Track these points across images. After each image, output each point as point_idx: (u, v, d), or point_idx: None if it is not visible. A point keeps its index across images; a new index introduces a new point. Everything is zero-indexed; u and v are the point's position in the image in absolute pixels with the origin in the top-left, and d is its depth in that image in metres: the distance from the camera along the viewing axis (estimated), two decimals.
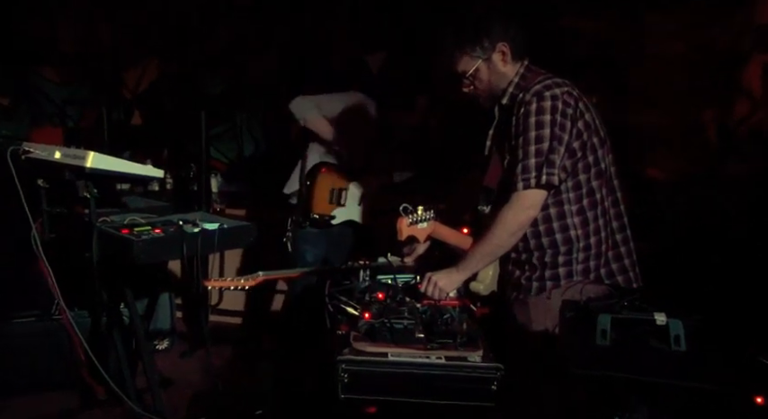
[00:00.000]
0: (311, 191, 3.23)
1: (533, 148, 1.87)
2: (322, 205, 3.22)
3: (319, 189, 3.22)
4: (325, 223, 3.22)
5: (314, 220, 3.20)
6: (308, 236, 3.24)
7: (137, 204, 2.83)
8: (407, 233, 2.01)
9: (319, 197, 3.22)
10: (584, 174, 1.95)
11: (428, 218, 2.02)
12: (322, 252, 3.26)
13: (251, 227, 2.58)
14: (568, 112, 1.88)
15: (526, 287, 2.04)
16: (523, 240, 2.01)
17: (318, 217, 3.20)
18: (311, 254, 3.24)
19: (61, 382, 2.81)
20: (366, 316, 1.80)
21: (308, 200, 3.22)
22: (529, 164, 1.88)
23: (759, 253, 2.64)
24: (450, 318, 1.83)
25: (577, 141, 1.91)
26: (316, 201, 3.21)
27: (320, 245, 3.26)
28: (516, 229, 1.92)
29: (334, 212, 3.25)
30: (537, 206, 1.93)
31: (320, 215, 3.20)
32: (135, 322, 2.57)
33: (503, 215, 1.91)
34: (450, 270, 1.96)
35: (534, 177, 1.87)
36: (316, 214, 3.19)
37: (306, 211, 3.20)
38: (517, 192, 1.90)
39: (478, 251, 1.95)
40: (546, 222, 1.99)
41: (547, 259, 2.00)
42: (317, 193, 3.22)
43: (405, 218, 1.98)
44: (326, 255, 3.27)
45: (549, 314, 1.95)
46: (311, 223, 3.21)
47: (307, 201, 3.21)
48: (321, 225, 3.23)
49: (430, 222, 2.03)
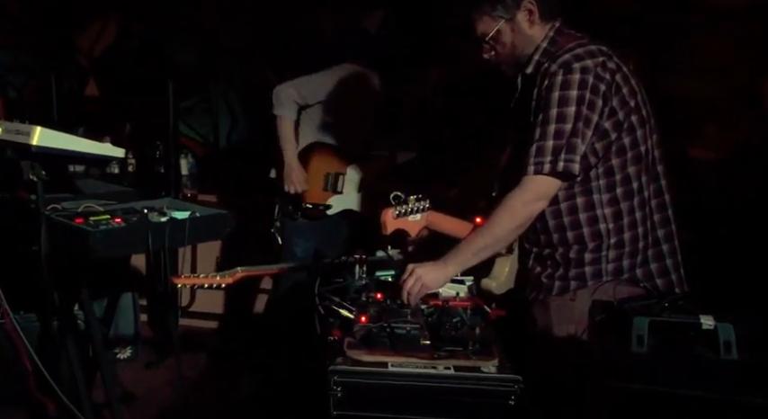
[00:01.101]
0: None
1: (552, 128, 1.85)
2: (316, 193, 3.21)
3: (313, 174, 3.21)
4: (319, 213, 3.20)
5: (307, 211, 3.19)
6: (299, 227, 3.23)
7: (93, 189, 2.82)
8: (394, 226, 1.99)
9: (313, 184, 3.21)
10: (617, 159, 1.94)
11: (421, 210, 2.01)
12: (314, 245, 3.26)
13: (228, 215, 2.57)
14: (600, 89, 1.86)
15: (547, 286, 2.04)
16: (545, 232, 2.01)
17: (312, 206, 3.19)
18: (302, 248, 3.24)
19: (4, 397, 2.82)
20: (362, 319, 1.80)
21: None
22: (545, 145, 1.86)
23: None
24: (461, 322, 1.83)
25: (610, 121, 1.90)
26: (309, 189, 3.20)
27: (313, 237, 3.26)
28: (522, 221, 1.91)
29: (331, 201, 3.24)
30: (547, 197, 1.91)
31: (314, 205, 3.19)
32: (92, 326, 2.57)
33: (507, 203, 1.89)
34: (439, 263, 1.92)
35: (549, 162, 1.85)
36: (309, 204, 3.18)
37: (297, 201, 3.19)
38: (526, 177, 1.88)
39: (475, 243, 1.91)
40: (571, 213, 1.98)
41: (572, 255, 2.00)
42: (310, 180, 3.21)
43: (391, 210, 1.97)
44: (319, 249, 3.27)
45: (574, 317, 1.96)
46: (303, 214, 3.20)
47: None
48: (315, 216, 3.22)
49: (424, 214, 2.02)
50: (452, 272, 1.94)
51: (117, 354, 3.49)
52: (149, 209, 2.44)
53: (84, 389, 2.58)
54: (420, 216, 2.02)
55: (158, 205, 2.54)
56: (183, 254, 3.96)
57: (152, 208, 2.47)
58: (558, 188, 1.92)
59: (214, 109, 4.60)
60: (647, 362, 1.52)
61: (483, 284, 2.11)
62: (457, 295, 2.01)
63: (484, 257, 1.96)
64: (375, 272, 2.15)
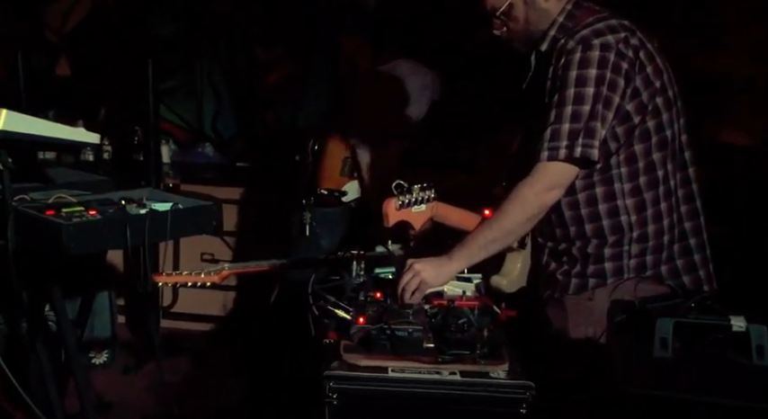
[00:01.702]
0: (320, 159, 3.21)
1: (569, 110, 1.85)
2: (331, 178, 3.22)
3: (329, 158, 3.21)
4: (334, 200, 3.20)
5: (320, 197, 3.18)
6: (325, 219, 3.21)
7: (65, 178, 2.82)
8: (396, 218, 1.99)
9: (328, 168, 3.21)
10: (641, 144, 1.94)
11: (425, 200, 2.01)
12: (337, 239, 3.25)
13: (213, 207, 2.57)
14: (623, 67, 1.85)
15: (563, 283, 2.05)
16: (561, 225, 2.01)
17: (327, 192, 3.17)
18: (326, 241, 3.23)
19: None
20: (360, 320, 1.80)
21: (315, 172, 3.19)
22: (560, 129, 1.86)
23: None
24: (468, 323, 1.83)
25: (633, 102, 1.89)
26: (324, 174, 3.20)
27: (339, 229, 3.24)
28: (534, 212, 1.91)
29: (346, 187, 3.25)
30: (562, 186, 1.91)
31: (329, 190, 3.18)
32: (64, 329, 2.57)
33: (518, 192, 1.89)
34: (442, 258, 1.92)
35: (565, 147, 1.85)
36: (323, 189, 3.18)
37: (312, 185, 3.18)
38: (540, 164, 1.88)
39: (482, 236, 1.91)
40: (590, 205, 1.98)
41: (590, 250, 2.00)
42: (325, 164, 3.21)
43: (393, 200, 1.96)
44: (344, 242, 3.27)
45: (592, 317, 1.96)
46: (317, 200, 3.19)
47: (313, 174, 3.19)
48: (329, 203, 3.22)
49: (429, 205, 2.02)
50: (456, 269, 1.94)
51: (92, 359, 3.50)
52: (127, 200, 2.44)
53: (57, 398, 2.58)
54: (425, 206, 2.02)
55: (137, 196, 2.53)
56: (164, 249, 3.97)
57: (130, 199, 2.47)
58: (574, 176, 1.91)
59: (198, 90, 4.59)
60: (672, 368, 1.52)
61: (492, 282, 2.12)
62: (463, 294, 2.01)
63: (492, 252, 1.95)
64: (374, 269, 2.15)
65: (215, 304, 4.22)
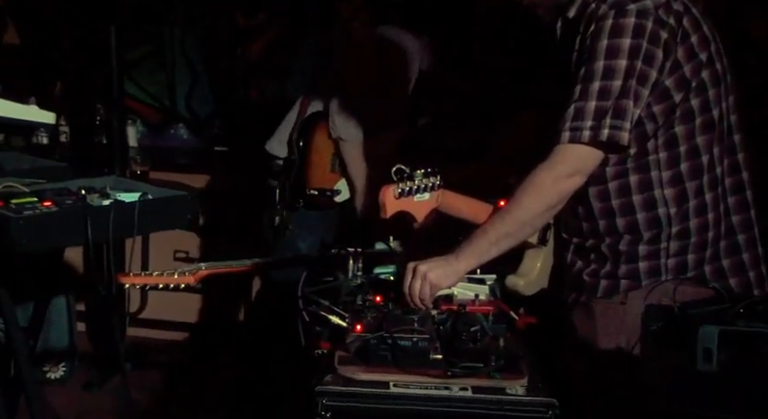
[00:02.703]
0: (305, 155, 3.22)
1: (597, 86, 1.85)
2: (320, 175, 3.25)
3: (317, 152, 3.24)
4: (326, 202, 3.24)
5: (311, 199, 3.22)
6: (303, 217, 3.28)
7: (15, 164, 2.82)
8: (395, 208, 1.96)
9: (317, 164, 3.24)
10: (683, 126, 1.93)
11: (430, 188, 2.00)
12: (317, 238, 3.28)
13: (188, 198, 2.58)
14: (661, 36, 1.85)
15: (590, 285, 2.05)
16: (589, 219, 2.01)
17: (318, 193, 3.20)
18: (305, 242, 3.27)
19: None
20: (358, 327, 1.80)
21: (302, 169, 3.22)
22: (585, 107, 1.85)
23: None
24: (481, 331, 1.84)
25: (673, 77, 1.89)
26: (312, 171, 3.23)
27: (317, 229, 3.30)
28: (552, 202, 1.91)
29: (339, 185, 3.29)
30: (583, 172, 1.91)
31: (320, 190, 3.20)
32: (14, 339, 2.58)
33: (533, 178, 1.89)
34: (448, 257, 1.92)
35: (590, 128, 1.84)
36: (313, 189, 3.20)
37: (298, 186, 3.21)
38: (559, 147, 1.87)
39: (493, 230, 1.91)
40: (622, 195, 1.98)
41: (622, 247, 2.01)
42: (313, 159, 3.23)
43: (392, 187, 1.94)
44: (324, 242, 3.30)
45: (624, 325, 1.97)
46: (306, 202, 3.22)
47: (299, 172, 3.22)
48: (321, 205, 3.24)
49: (434, 193, 2.01)
50: (465, 268, 1.94)
51: (47, 373, 3.52)
52: (88, 189, 2.45)
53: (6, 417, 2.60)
54: (429, 195, 1.99)
55: (99, 185, 2.54)
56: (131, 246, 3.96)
57: (91, 188, 2.47)
58: (598, 161, 1.91)
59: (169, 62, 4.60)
60: (717, 383, 1.52)
61: (509, 283, 2.12)
62: (476, 298, 2.01)
63: (504, 248, 1.95)
64: (374, 269, 2.15)
65: (190, 309, 4.24)
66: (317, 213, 3.30)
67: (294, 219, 3.28)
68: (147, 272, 2.22)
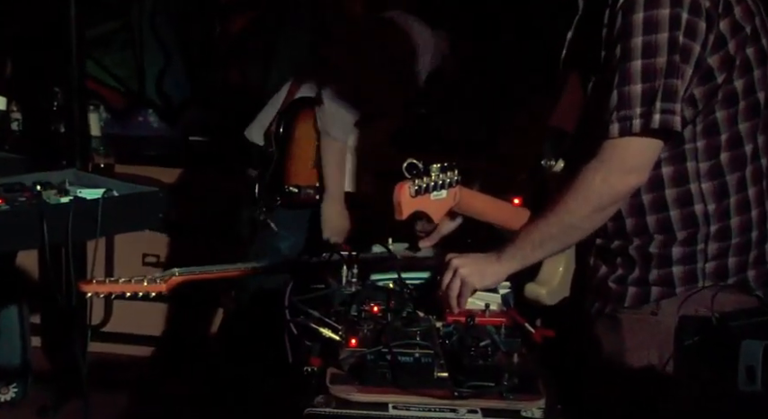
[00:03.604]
0: (285, 148, 3.24)
1: (638, 65, 1.85)
2: (302, 171, 3.26)
3: (298, 145, 3.25)
4: (307, 199, 3.25)
5: (289, 196, 3.22)
6: (284, 215, 3.29)
7: None
8: (411, 207, 1.97)
9: (298, 158, 3.25)
10: (724, 110, 1.94)
11: (448, 184, 2.01)
12: (301, 239, 3.32)
13: (158, 194, 2.59)
14: (702, 5, 1.85)
15: (617, 293, 2.05)
16: (614, 217, 2.02)
17: (297, 191, 3.21)
18: (286, 243, 3.29)
19: None
20: (352, 341, 1.81)
21: (281, 163, 3.24)
22: (630, 92, 1.86)
23: None
24: (492, 346, 1.84)
25: (716, 55, 1.89)
26: (292, 165, 3.24)
27: (299, 229, 3.32)
28: (603, 203, 1.92)
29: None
30: (642, 168, 1.92)
31: (300, 188, 3.21)
32: None
33: (582, 178, 1.91)
34: (489, 256, 1.98)
35: (640, 116, 1.85)
36: (292, 186, 3.21)
37: (276, 182, 3.23)
38: (609, 142, 1.89)
39: (538, 232, 1.95)
40: (654, 189, 1.98)
41: (653, 250, 2.01)
42: (294, 152, 3.25)
43: (407, 185, 1.96)
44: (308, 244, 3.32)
45: (656, 338, 1.97)
46: (284, 200, 3.24)
47: (278, 166, 3.23)
48: (302, 202, 3.26)
49: (451, 190, 2.02)
50: (505, 271, 1.98)
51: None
52: (44, 185, 2.45)
53: None
54: (446, 193, 2.00)
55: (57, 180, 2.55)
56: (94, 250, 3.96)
57: (48, 183, 2.48)
58: (657, 153, 1.92)
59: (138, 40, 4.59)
60: (761, 405, 1.52)
61: (528, 292, 2.12)
62: (486, 308, 2.02)
63: (549, 252, 2.00)
64: (370, 275, 2.15)
65: (160, 322, 4.24)
66: (298, 211, 3.31)
67: (273, 218, 3.29)
68: (112, 279, 2.20)
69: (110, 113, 4.56)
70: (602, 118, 1.89)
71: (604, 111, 1.88)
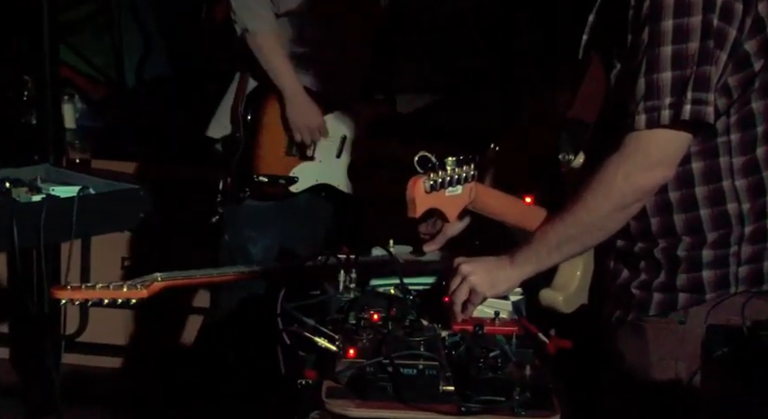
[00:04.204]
0: (254, 134, 3.25)
1: (668, 51, 1.85)
2: (273, 159, 3.28)
3: (269, 130, 3.26)
4: (278, 191, 3.26)
5: (259, 187, 3.24)
6: (251, 215, 3.28)
7: None
8: (426, 204, 1.98)
9: (269, 145, 3.27)
10: (761, 101, 1.94)
11: (463, 179, 2.02)
12: (275, 241, 3.33)
13: (140, 192, 2.59)
14: None
15: (640, 300, 2.05)
16: (638, 217, 2.02)
17: (267, 180, 3.22)
18: (258, 246, 3.30)
19: None
20: (350, 352, 1.81)
21: (249, 150, 3.24)
22: (659, 80, 1.86)
23: None
24: (502, 357, 1.84)
25: (754, 40, 1.89)
26: (262, 153, 3.25)
27: (272, 229, 3.33)
28: (626, 201, 1.92)
29: (296, 171, 3.30)
30: (669, 163, 1.91)
31: (271, 177, 3.22)
32: None
33: (603, 174, 1.91)
34: (501, 260, 1.99)
35: (669, 106, 1.85)
36: (262, 175, 3.22)
37: (245, 171, 3.24)
38: (634, 135, 1.89)
39: (554, 233, 1.96)
40: (682, 186, 1.99)
41: (680, 252, 2.01)
42: (264, 138, 3.26)
43: (421, 179, 1.96)
44: (284, 246, 3.31)
45: (684, 350, 1.97)
46: (254, 192, 3.25)
47: (246, 153, 3.24)
48: (272, 194, 3.27)
49: (467, 186, 2.03)
50: (519, 276, 1.99)
51: None
52: (14, 181, 2.45)
53: None
54: (461, 189, 2.01)
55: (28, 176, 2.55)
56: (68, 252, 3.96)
57: (18, 180, 2.48)
58: (685, 147, 1.91)
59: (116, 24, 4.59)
60: None
61: (544, 299, 2.12)
62: (496, 316, 2.02)
63: (567, 255, 2.00)
64: (370, 281, 2.16)
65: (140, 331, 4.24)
66: (269, 209, 3.31)
67: (240, 217, 3.29)
68: (88, 285, 2.21)
69: (86, 104, 4.55)
70: (627, 108, 1.89)
71: (630, 100, 1.88)
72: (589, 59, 2.12)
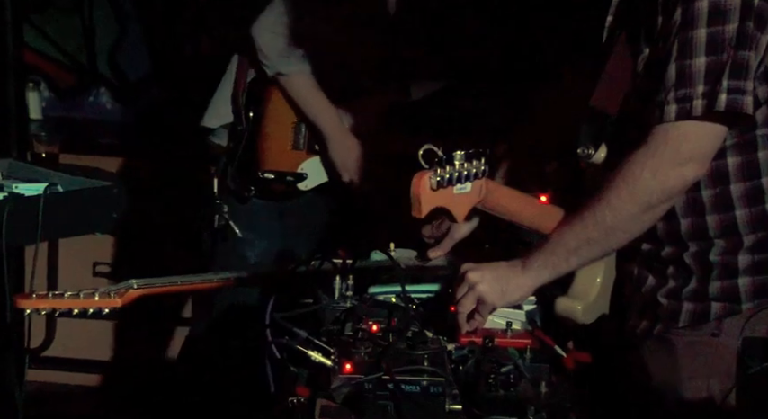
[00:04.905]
0: (258, 126, 3.27)
1: (703, 34, 1.85)
2: (279, 154, 3.30)
3: (273, 122, 3.29)
4: (287, 189, 3.27)
5: (266, 184, 3.25)
6: (250, 215, 3.30)
7: None
8: (432, 203, 1.98)
9: (275, 138, 3.28)
10: None
11: (474, 175, 2.02)
12: (273, 244, 3.35)
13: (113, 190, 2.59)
14: None
15: (669, 310, 2.05)
16: (667, 217, 2.02)
17: (274, 177, 3.23)
18: (255, 249, 3.32)
19: None
20: (347, 367, 1.81)
21: (253, 144, 3.26)
22: (693, 66, 1.86)
23: None
24: (515, 373, 1.84)
25: None
26: (268, 147, 3.27)
27: (271, 230, 3.35)
28: (655, 200, 1.93)
29: (305, 167, 3.32)
30: (704, 156, 1.92)
31: (278, 174, 3.23)
32: None
33: (630, 169, 1.91)
34: (512, 266, 2.00)
35: (702, 95, 1.85)
36: (268, 171, 3.22)
37: (249, 167, 3.25)
38: (663, 127, 1.89)
39: (572, 236, 1.97)
40: (716, 184, 1.99)
41: (714, 257, 2.01)
42: (269, 131, 3.28)
43: (427, 175, 1.96)
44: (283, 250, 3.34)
45: (718, 366, 1.97)
46: (259, 190, 3.25)
47: (251, 148, 3.26)
48: (279, 192, 3.29)
49: (477, 183, 2.03)
50: (533, 283, 1.99)
51: None
52: None
53: None
54: (470, 186, 2.01)
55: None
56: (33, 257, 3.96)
57: None
58: (720, 140, 1.91)
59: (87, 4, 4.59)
60: None
61: (563, 309, 2.12)
62: (508, 327, 2.03)
63: (586, 260, 2.01)
64: (369, 288, 2.17)
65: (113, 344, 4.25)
66: (270, 209, 3.33)
67: (240, 217, 3.30)
68: (55, 293, 2.21)
69: (53, 92, 4.55)
70: (656, 98, 1.89)
71: (659, 89, 1.89)
72: (613, 42, 2.12)
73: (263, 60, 3.23)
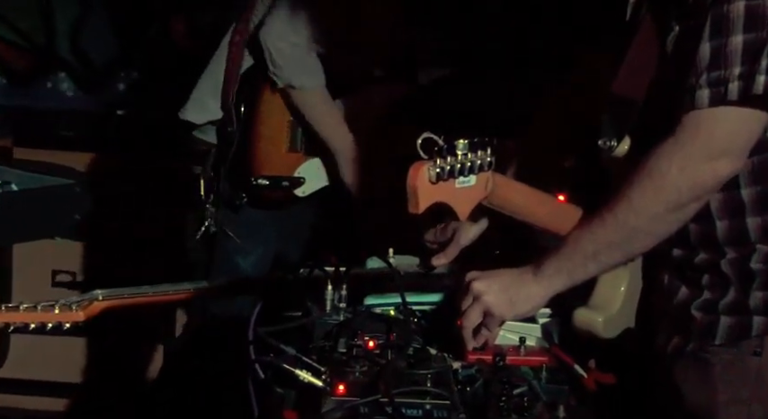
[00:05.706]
0: (252, 124, 3.29)
1: (741, 8, 1.85)
2: (274, 156, 3.32)
3: (267, 120, 3.32)
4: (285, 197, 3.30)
5: (260, 191, 3.27)
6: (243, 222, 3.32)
7: None
8: (431, 198, 1.98)
9: (269, 139, 3.31)
10: None
11: (478, 167, 2.02)
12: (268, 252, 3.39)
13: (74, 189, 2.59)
14: None
15: (704, 325, 2.06)
16: (700, 219, 2.02)
17: (268, 183, 3.25)
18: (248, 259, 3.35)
19: None
20: (340, 388, 1.81)
21: (245, 146, 3.28)
22: (728, 45, 1.86)
23: None
24: (529, 395, 1.85)
25: None
26: (261, 149, 3.29)
27: (265, 237, 3.40)
28: (685, 199, 1.93)
29: (302, 171, 3.35)
30: (741, 149, 1.92)
31: (272, 179, 3.24)
32: None
33: (656, 164, 1.92)
34: (524, 273, 2.02)
35: (738, 77, 1.85)
36: (262, 177, 3.23)
37: (240, 172, 3.27)
38: (694, 115, 1.90)
39: (591, 239, 1.97)
40: (756, 181, 1.99)
41: (755, 265, 2.01)
42: (263, 130, 3.31)
43: (425, 166, 1.96)
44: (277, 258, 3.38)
45: (760, 389, 1.98)
46: (252, 198, 3.28)
47: (242, 150, 3.28)
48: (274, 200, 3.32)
49: (482, 176, 2.04)
50: (547, 292, 2.00)
51: None
52: None
53: None
54: (475, 179, 2.01)
55: None
56: None
57: None
58: (759, 129, 1.91)
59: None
60: None
61: (581, 322, 2.12)
62: (521, 343, 2.04)
63: (606, 266, 2.01)
64: (365, 299, 2.18)
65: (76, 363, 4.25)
66: (264, 214, 3.34)
67: (231, 225, 3.32)
68: (9, 306, 2.22)
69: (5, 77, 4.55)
70: (686, 82, 1.89)
71: (690, 72, 1.89)
72: (638, 20, 2.12)
73: (273, 70, 3.24)
